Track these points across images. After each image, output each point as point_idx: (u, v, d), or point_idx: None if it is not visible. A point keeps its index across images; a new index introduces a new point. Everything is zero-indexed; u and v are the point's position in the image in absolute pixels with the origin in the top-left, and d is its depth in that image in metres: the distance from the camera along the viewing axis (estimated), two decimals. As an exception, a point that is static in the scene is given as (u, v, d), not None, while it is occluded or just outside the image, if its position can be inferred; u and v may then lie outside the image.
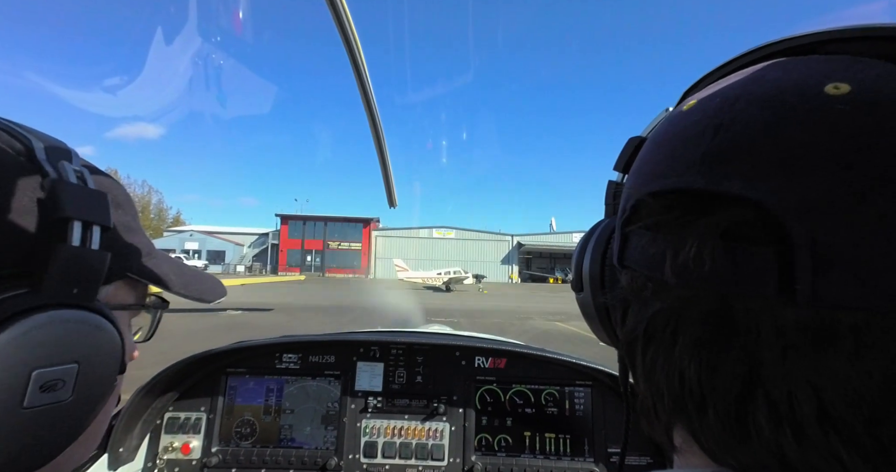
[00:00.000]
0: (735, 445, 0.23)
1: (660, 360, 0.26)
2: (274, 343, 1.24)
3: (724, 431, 0.23)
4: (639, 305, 0.29)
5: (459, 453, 1.16)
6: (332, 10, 0.93)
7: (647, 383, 0.28)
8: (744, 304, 0.22)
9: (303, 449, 1.16)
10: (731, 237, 0.22)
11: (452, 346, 1.26)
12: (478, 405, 1.20)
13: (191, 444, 1.14)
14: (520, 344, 1.35)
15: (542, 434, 1.16)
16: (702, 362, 0.24)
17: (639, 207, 0.28)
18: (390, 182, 1.51)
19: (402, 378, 1.23)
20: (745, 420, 0.22)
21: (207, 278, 0.59)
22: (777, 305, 0.21)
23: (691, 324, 0.24)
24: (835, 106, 0.22)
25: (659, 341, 0.26)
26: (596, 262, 0.37)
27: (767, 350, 0.22)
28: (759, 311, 0.22)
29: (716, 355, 0.23)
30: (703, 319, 0.24)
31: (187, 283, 0.53)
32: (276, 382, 1.23)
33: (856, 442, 0.20)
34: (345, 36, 0.99)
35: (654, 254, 0.26)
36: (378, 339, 1.28)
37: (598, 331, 0.40)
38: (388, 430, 1.18)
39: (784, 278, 0.20)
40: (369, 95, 1.18)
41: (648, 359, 0.27)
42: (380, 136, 1.32)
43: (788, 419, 0.21)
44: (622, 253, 0.29)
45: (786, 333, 0.21)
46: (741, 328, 0.22)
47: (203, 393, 1.20)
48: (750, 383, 0.22)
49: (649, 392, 0.28)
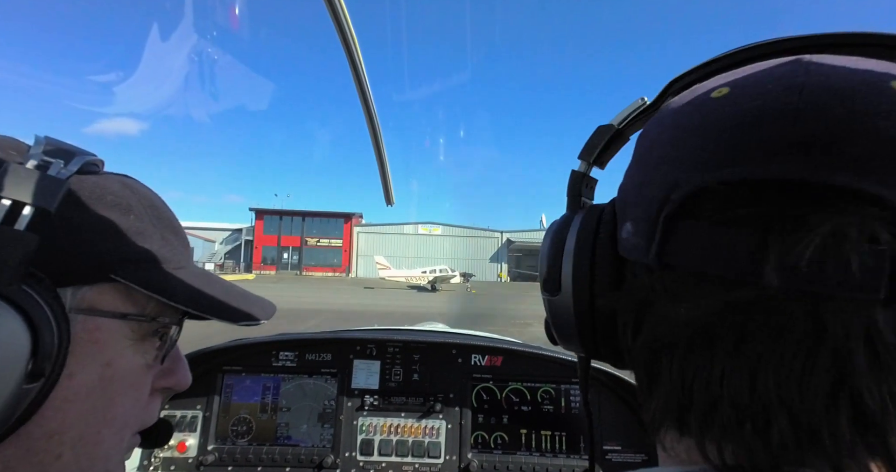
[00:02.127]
0: (792, 450, 0.22)
1: (715, 368, 0.24)
2: (271, 341, 1.23)
3: (791, 438, 0.22)
4: (674, 307, 0.26)
5: (456, 450, 1.17)
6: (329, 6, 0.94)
7: (682, 393, 0.26)
8: (834, 305, 0.21)
9: (299, 447, 1.16)
10: (863, 236, 0.21)
11: (449, 344, 1.27)
12: (474, 402, 1.22)
13: (187, 442, 1.13)
14: (516, 342, 1.37)
15: (538, 432, 1.18)
16: (781, 369, 0.22)
17: (700, 198, 0.25)
18: (387, 179, 1.52)
19: (398, 376, 1.24)
20: (821, 429, 0.21)
21: (252, 299, 0.54)
22: (868, 306, 0.20)
23: (768, 328, 0.23)
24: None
25: (713, 347, 0.24)
26: (584, 259, 0.33)
27: (859, 354, 0.21)
28: (850, 312, 0.21)
29: (800, 361, 0.22)
30: (785, 322, 0.22)
31: (198, 298, 0.47)
32: (272, 380, 1.22)
33: None
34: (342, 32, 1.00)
35: (741, 251, 0.23)
36: (375, 337, 1.28)
37: (568, 337, 0.37)
38: (384, 428, 1.19)
39: (893, 278, 0.20)
40: (367, 93, 1.18)
41: (692, 366, 0.25)
42: (377, 133, 1.33)
43: (877, 426, 0.21)
44: (662, 249, 0.26)
45: (878, 335, 0.20)
46: (831, 331, 0.21)
47: (199, 391, 1.19)
48: (835, 389, 0.21)
49: (685, 401, 0.26)
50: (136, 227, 0.45)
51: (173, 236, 0.50)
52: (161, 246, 0.47)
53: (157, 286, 0.44)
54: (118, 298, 0.44)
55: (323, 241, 43.62)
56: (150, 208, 0.48)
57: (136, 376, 0.46)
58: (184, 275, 0.48)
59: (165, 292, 0.44)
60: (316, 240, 43.52)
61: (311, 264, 42.89)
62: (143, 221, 0.46)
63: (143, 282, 0.43)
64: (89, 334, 0.41)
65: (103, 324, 0.42)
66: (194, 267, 0.51)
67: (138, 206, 0.46)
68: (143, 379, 0.47)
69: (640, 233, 0.28)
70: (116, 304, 0.43)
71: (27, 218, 0.35)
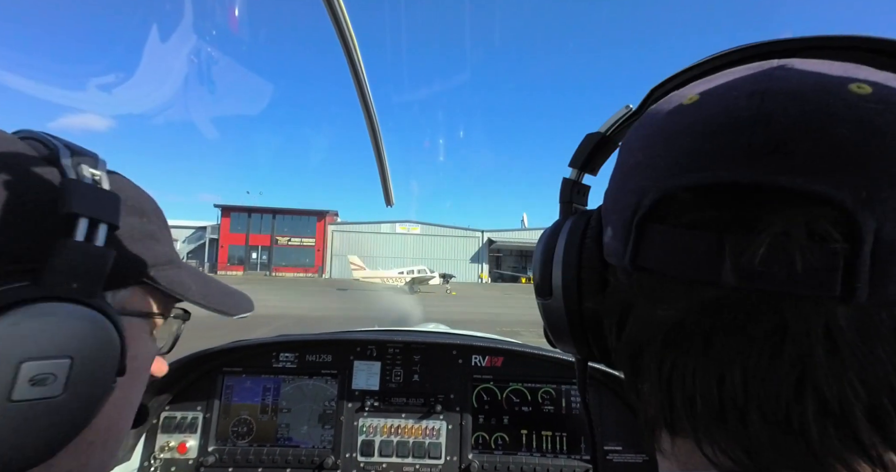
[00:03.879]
0: (772, 448, 0.23)
1: (688, 366, 0.25)
2: (271, 342, 1.22)
3: (766, 434, 0.23)
4: (651, 308, 0.27)
5: (456, 451, 1.18)
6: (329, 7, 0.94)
7: (663, 392, 0.26)
8: (795, 303, 0.22)
9: (300, 448, 1.15)
10: (811, 235, 0.21)
11: (449, 344, 1.28)
12: (474, 403, 1.23)
13: (187, 443, 1.11)
14: (516, 343, 1.39)
15: (539, 432, 1.20)
16: (747, 366, 0.23)
17: (665, 203, 0.26)
18: (387, 180, 1.52)
19: (398, 377, 1.24)
20: (790, 422, 0.22)
21: (236, 292, 0.60)
22: (829, 303, 0.21)
23: (733, 326, 0.23)
24: (867, 104, 0.22)
25: (686, 346, 0.25)
26: (571, 264, 0.34)
27: (819, 349, 0.21)
28: (810, 310, 0.22)
29: (765, 357, 0.22)
30: (747, 320, 0.23)
31: (208, 294, 0.53)
32: (272, 381, 1.21)
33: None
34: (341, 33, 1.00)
35: (701, 253, 0.24)
36: (375, 338, 1.28)
37: (563, 339, 0.38)
38: (384, 428, 1.19)
39: (847, 276, 0.20)
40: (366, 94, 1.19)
41: (668, 365, 0.26)
42: (377, 134, 1.34)
43: (837, 417, 0.21)
44: (636, 252, 0.27)
45: (838, 331, 0.21)
46: (792, 329, 0.22)
47: (199, 392, 1.17)
48: (800, 385, 0.22)
49: (667, 401, 0.26)
50: (150, 230, 0.48)
51: (170, 235, 0.54)
52: (169, 247, 0.51)
53: (178, 286, 0.49)
54: (144, 298, 0.48)
55: (294, 240, 41.80)
56: (155, 210, 0.51)
57: (148, 367, 0.51)
58: (188, 273, 0.53)
59: (183, 290, 0.49)
60: (287, 239, 41.65)
61: (281, 264, 41.12)
62: (153, 223, 0.49)
63: (167, 283, 0.48)
64: (125, 333, 0.44)
65: (133, 322, 0.46)
66: (185, 264, 0.55)
67: (149, 208, 0.49)
68: (150, 368, 0.52)
69: (618, 237, 0.29)
70: (142, 304, 0.48)
71: (104, 234, 0.39)
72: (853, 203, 0.21)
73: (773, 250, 0.22)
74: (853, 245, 0.21)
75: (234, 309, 0.56)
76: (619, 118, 0.39)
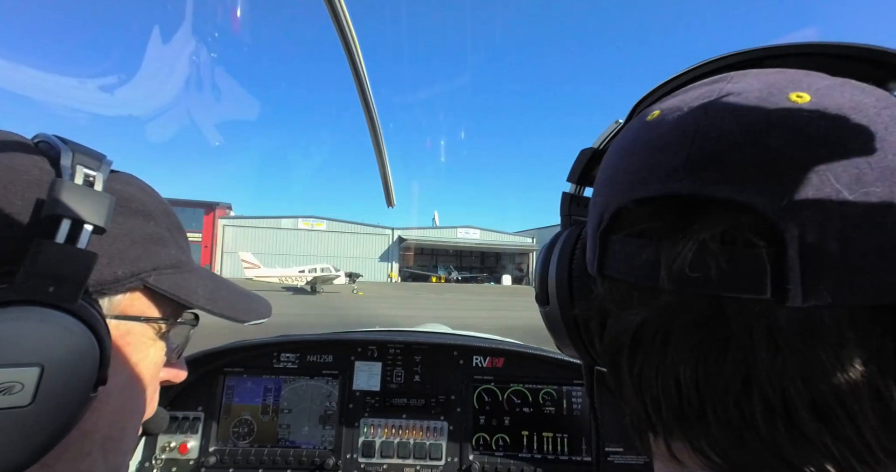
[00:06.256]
0: (734, 447, 0.24)
1: (651, 368, 0.26)
2: (272, 343, 1.23)
3: (723, 433, 0.24)
4: (621, 314, 0.28)
5: (457, 452, 1.17)
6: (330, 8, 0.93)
7: (637, 394, 0.28)
8: (736, 306, 0.23)
9: (300, 449, 1.16)
10: (727, 241, 0.23)
11: (450, 345, 1.27)
12: (475, 404, 1.22)
13: (188, 444, 1.13)
14: (518, 344, 1.37)
15: (540, 433, 1.18)
16: (697, 367, 0.24)
17: (621, 215, 0.28)
18: (388, 181, 1.51)
19: (399, 378, 1.24)
20: (742, 421, 0.23)
21: (252, 297, 0.56)
22: (769, 305, 0.22)
23: (684, 329, 0.24)
24: (802, 113, 0.23)
25: (648, 350, 0.26)
26: (563, 273, 0.36)
27: (761, 350, 0.22)
28: (751, 312, 0.22)
29: (712, 358, 0.23)
30: (696, 323, 0.24)
31: (216, 299, 0.50)
32: (273, 381, 1.22)
33: (843, 435, 0.21)
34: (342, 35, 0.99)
35: (644, 261, 0.26)
36: (376, 338, 1.28)
37: (565, 345, 0.39)
38: (385, 429, 1.19)
39: (777, 278, 0.21)
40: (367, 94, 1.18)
41: (637, 368, 0.27)
42: (377, 135, 1.33)
43: (782, 415, 0.22)
44: (601, 262, 0.29)
45: (778, 331, 0.22)
46: (735, 330, 0.23)
47: (200, 393, 1.19)
48: (747, 384, 0.23)
49: (640, 402, 0.27)
50: (157, 233, 0.47)
51: (182, 239, 0.52)
52: (177, 251, 0.49)
53: (182, 291, 0.47)
54: (145, 302, 0.46)
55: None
56: (164, 213, 0.49)
57: (154, 373, 0.49)
58: (197, 277, 0.50)
59: (188, 295, 0.47)
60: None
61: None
62: (161, 226, 0.48)
63: (170, 287, 0.46)
64: (122, 339, 0.43)
65: (132, 327, 0.44)
66: (201, 268, 0.53)
67: (156, 211, 0.48)
68: (158, 375, 0.50)
69: (591, 248, 0.31)
70: (143, 308, 0.46)
71: (87, 236, 0.37)
72: (773, 210, 0.21)
73: (699, 256, 0.23)
74: (777, 250, 0.21)
75: (245, 315, 0.53)
76: (609, 133, 0.41)
